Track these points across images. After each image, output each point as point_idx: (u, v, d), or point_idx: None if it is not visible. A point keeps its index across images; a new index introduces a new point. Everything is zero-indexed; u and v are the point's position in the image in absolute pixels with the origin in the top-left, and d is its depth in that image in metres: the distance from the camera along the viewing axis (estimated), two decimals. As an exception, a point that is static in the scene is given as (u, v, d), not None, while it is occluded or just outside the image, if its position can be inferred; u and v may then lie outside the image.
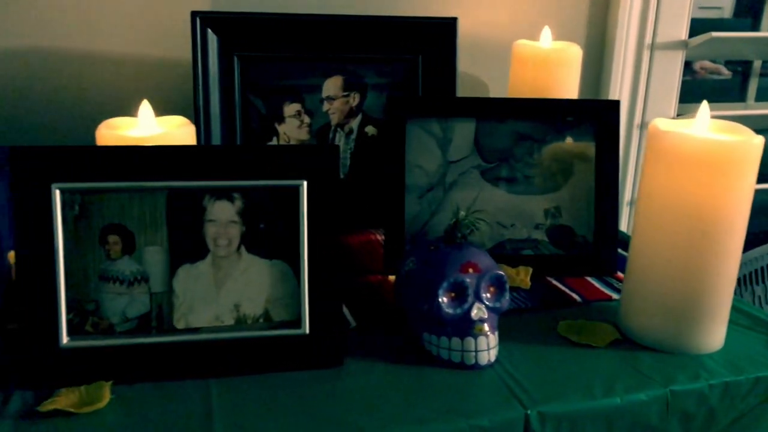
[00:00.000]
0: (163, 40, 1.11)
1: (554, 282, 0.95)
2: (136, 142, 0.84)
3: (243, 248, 0.73)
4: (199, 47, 1.03)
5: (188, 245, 0.71)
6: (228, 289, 0.72)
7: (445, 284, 0.74)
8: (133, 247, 0.71)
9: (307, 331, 0.73)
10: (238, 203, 0.72)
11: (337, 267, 0.74)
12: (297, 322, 0.73)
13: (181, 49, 1.07)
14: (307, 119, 1.10)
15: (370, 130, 1.11)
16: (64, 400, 0.66)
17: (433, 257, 0.76)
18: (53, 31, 1.06)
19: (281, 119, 1.09)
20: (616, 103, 0.97)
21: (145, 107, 0.88)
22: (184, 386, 0.70)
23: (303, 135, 1.10)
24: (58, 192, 0.68)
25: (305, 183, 0.72)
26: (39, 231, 0.68)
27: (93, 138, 0.86)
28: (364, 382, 0.72)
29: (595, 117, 0.97)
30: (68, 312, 0.69)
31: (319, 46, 1.08)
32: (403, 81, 1.10)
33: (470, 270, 0.75)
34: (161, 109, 0.92)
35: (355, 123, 1.11)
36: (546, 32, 1.17)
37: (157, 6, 1.10)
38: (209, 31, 1.03)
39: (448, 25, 1.09)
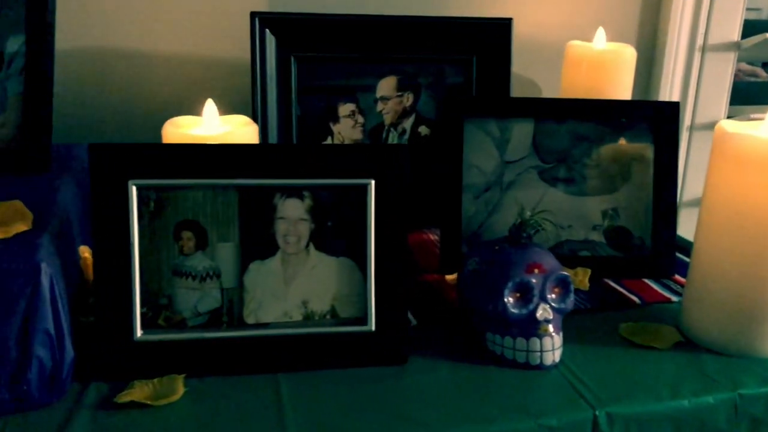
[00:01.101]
0: (221, 41, 1.13)
1: (611, 283, 0.94)
2: (201, 141, 0.86)
3: (312, 246, 0.74)
4: (257, 47, 1.04)
5: (259, 242, 0.72)
6: (296, 286, 0.73)
7: (510, 284, 0.74)
8: (206, 243, 0.72)
9: (373, 328, 0.74)
10: (308, 201, 0.73)
11: (403, 265, 0.74)
12: (363, 320, 0.74)
13: (239, 48, 1.09)
14: (360, 119, 1.11)
15: (423, 130, 1.12)
16: (139, 392, 0.68)
17: (497, 257, 0.76)
18: (121, 33, 1.09)
19: (336, 119, 1.10)
20: (675, 105, 0.96)
21: (210, 106, 0.89)
22: (253, 380, 0.71)
23: (357, 134, 1.11)
24: (134, 188, 0.69)
25: (373, 182, 0.73)
26: (116, 226, 0.69)
27: (158, 136, 0.87)
28: (429, 380, 0.73)
29: (653, 119, 0.96)
30: (142, 306, 0.71)
31: (374, 47, 1.08)
32: (457, 81, 1.11)
33: (536, 270, 0.75)
34: (219, 108, 0.93)
35: (408, 123, 1.12)
36: (600, 33, 1.16)
37: (218, 6, 1.11)
38: (267, 31, 1.05)
39: (504, 25, 1.09)
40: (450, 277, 0.93)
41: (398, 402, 0.69)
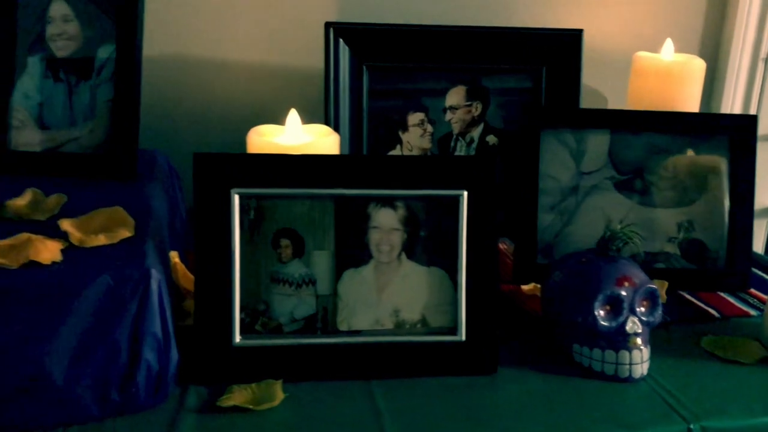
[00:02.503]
0: (294, 50, 1.14)
1: (687, 296, 0.94)
2: (285, 149, 0.87)
3: (404, 255, 0.75)
4: (331, 57, 1.06)
5: (353, 250, 0.74)
6: (389, 294, 0.75)
7: (601, 297, 0.75)
8: (303, 251, 0.73)
9: (464, 338, 0.75)
10: (401, 211, 0.74)
11: (493, 276, 0.75)
12: (453, 329, 0.75)
13: (311, 58, 1.11)
14: (429, 128, 1.11)
15: (491, 139, 1.13)
16: (240, 396, 0.69)
17: (586, 270, 0.77)
18: (197, 42, 1.11)
19: (405, 127, 1.11)
20: (753, 118, 0.96)
21: (293, 116, 0.91)
22: (347, 386, 0.72)
23: (425, 143, 1.12)
24: (237, 197, 0.71)
25: (465, 193, 0.74)
26: (217, 233, 0.71)
27: (232, 143, 0.88)
28: (519, 391, 0.73)
29: (730, 131, 0.96)
30: (241, 311, 0.72)
31: (444, 57, 1.09)
32: (526, 92, 1.11)
33: (626, 283, 0.75)
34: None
35: (476, 132, 1.12)
36: (668, 44, 1.16)
37: (290, 17, 1.13)
38: (341, 41, 1.06)
39: (574, 36, 1.10)
40: (526, 288, 0.93)
41: (492, 412, 0.70)
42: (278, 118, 0.93)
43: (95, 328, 0.64)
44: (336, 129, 1.07)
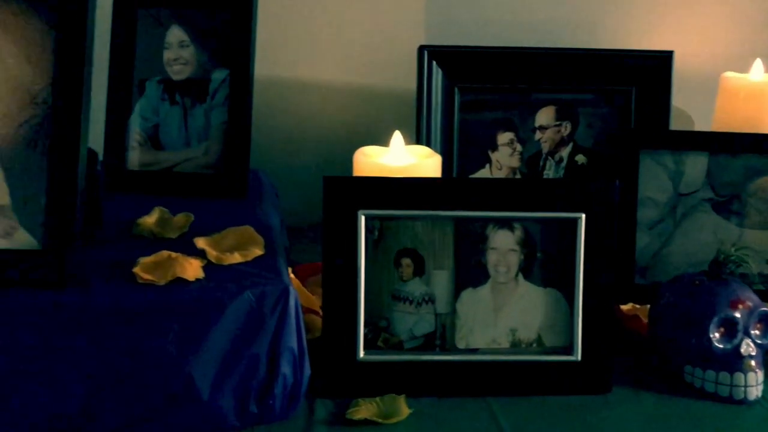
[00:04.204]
0: (383, 72, 1.18)
1: (787, 318, 0.94)
2: (391, 170, 0.90)
3: (521, 275, 0.77)
4: (425, 79, 1.09)
5: (471, 270, 0.76)
6: (505, 314, 0.77)
7: (716, 320, 0.76)
8: (423, 270, 0.76)
9: (579, 357, 0.76)
10: (518, 233, 0.76)
11: (609, 297, 0.77)
12: (569, 349, 0.77)
13: (400, 79, 1.14)
14: (519, 147, 1.14)
15: (580, 158, 1.14)
16: (367, 410, 0.72)
17: (698, 292, 0.78)
18: (291, 63, 1.15)
19: (495, 147, 1.13)
20: None
21: (397, 138, 0.94)
22: (466, 403, 0.75)
23: (514, 162, 1.14)
24: (363, 218, 0.74)
25: (584, 216, 0.76)
26: (344, 252, 0.74)
27: (325, 163, 0.91)
28: (635, 411, 0.75)
29: (831, 153, 0.96)
30: (364, 327, 0.75)
31: (535, 78, 1.12)
32: (615, 112, 1.13)
33: (740, 306, 0.76)
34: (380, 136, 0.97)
35: (565, 152, 1.14)
36: (757, 64, 1.16)
37: (380, 40, 1.17)
38: (435, 63, 1.09)
39: (664, 58, 1.11)
40: (625, 307, 0.95)
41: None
42: (370, 138, 0.96)
43: (237, 343, 0.67)
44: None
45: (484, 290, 0.76)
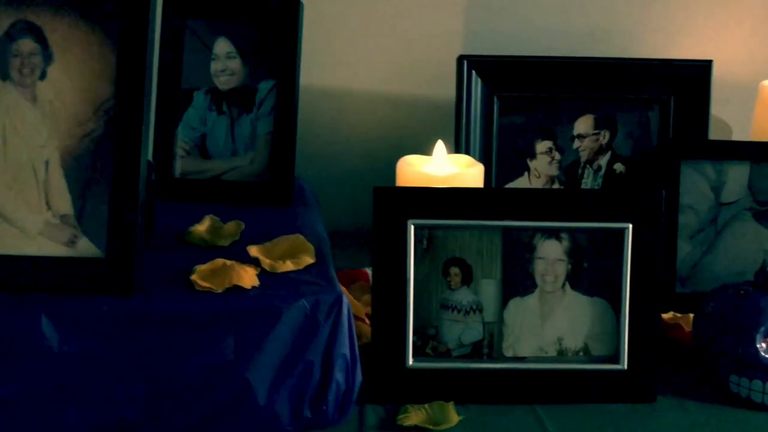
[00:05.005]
0: (422, 81, 1.19)
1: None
2: (434, 180, 0.91)
3: (567, 285, 0.78)
4: (464, 88, 1.10)
5: (519, 280, 0.77)
6: (552, 323, 0.78)
7: (763, 329, 0.76)
8: (471, 279, 0.77)
9: (625, 366, 0.77)
10: (566, 243, 0.77)
11: (655, 307, 0.77)
12: (615, 357, 0.77)
13: (438, 88, 1.15)
14: (557, 156, 1.14)
15: (618, 167, 1.15)
16: (416, 416, 0.73)
17: (744, 302, 0.79)
18: (329, 73, 1.17)
19: (533, 155, 1.14)
20: None
21: (440, 147, 0.95)
22: (514, 410, 0.76)
23: (553, 171, 1.14)
24: (412, 227, 0.75)
25: (631, 226, 0.76)
26: (394, 261, 0.76)
27: (362, 171, 0.92)
28: (680, 419, 0.75)
29: None
30: (413, 335, 0.76)
31: (573, 87, 1.12)
32: (654, 121, 1.13)
33: (787, 316, 0.76)
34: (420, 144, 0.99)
35: (603, 160, 1.15)
36: (797, 73, 1.16)
37: (420, 48, 1.18)
38: (474, 73, 1.11)
39: (703, 67, 1.11)
40: (666, 316, 0.95)
41: (659, 439, 0.72)
42: (409, 146, 0.98)
43: (293, 350, 0.69)
44: (467, 156, 1.12)
45: (532, 299, 0.78)
